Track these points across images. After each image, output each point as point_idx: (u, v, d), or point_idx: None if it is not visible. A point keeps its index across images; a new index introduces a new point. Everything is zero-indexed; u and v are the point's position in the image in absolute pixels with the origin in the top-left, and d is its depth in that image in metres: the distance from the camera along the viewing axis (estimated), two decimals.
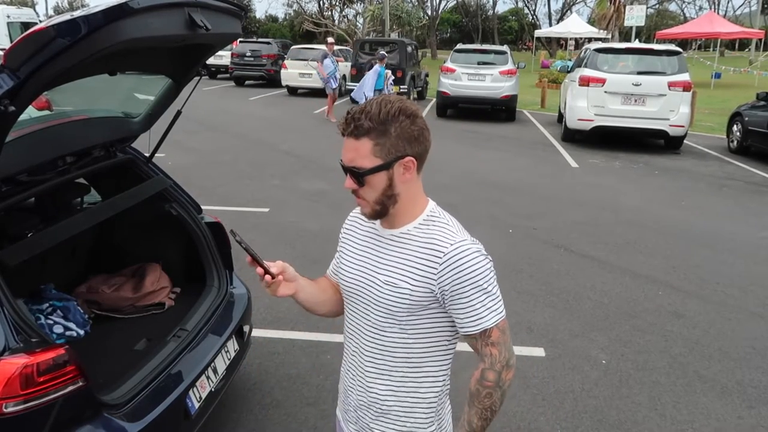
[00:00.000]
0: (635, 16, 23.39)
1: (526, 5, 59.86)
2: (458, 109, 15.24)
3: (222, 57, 22.52)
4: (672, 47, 12.44)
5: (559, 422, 3.22)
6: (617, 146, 11.35)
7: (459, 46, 15.85)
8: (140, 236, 3.46)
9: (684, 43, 41.40)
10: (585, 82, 11.02)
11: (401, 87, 15.68)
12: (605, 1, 26.98)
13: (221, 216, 3.42)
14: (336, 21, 44.49)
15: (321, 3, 47.04)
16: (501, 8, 72.66)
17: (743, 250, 5.96)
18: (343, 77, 18.15)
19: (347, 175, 1.45)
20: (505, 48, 15.95)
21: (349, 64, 18.94)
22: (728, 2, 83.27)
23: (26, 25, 17.45)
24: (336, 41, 15.69)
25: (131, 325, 3.07)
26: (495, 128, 13.68)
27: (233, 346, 2.92)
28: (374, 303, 1.50)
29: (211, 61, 20.78)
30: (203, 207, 3.35)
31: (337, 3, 46.58)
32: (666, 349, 4.01)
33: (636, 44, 16.53)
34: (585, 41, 31.72)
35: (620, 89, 10.80)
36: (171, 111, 3.07)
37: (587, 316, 4.46)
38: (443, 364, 1.55)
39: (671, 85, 10.64)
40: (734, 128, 11.40)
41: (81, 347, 2.32)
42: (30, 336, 1.95)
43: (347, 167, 1.43)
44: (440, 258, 1.42)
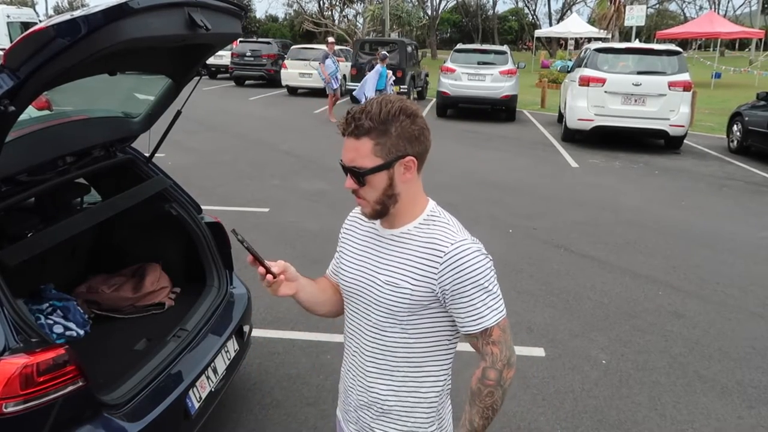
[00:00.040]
0: (635, 16, 23.40)
1: (526, 5, 59.94)
2: (458, 109, 15.24)
3: (222, 57, 22.52)
4: (672, 47, 12.43)
5: (559, 422, 3.22)
6: (617, 146, 11.35)
7: (459, 46, 15.85)
8: (140, 236, 3.46)
9: (684, 43, 41.40)
10: (585, 82, 11.02)
11: (401, 87, 15.67)
12: (605, 1, 27.02)
13: (221, 216, 3.42)
14: (336, 21, 44.50)
15: (321, 3, 47.09)
16: (501, 8, 72.68)
17: (743, 250, 5.96)
18: (344, 77, 18.14)
19: (347, 175, 1.45)
20: (505, 48, 15.95)
21: (349, 64, 18.94)
22: (728, 2, 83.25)
23: (26, 25, 17.45)
24: (336, 41, 15.67)
25: (131, 325, 3.06)
26: (495, 128, 13.67)
27: (233, 346, 2.92)
28: (375, 303, 1.50)
29: (211, 61, 20.80)
30: (203, 207, 3.35)
31: (337, 3, 46.60)
32: (666, 349, 4.01)
33: (636, 44, 16.52)
34: (585, 41, 31.72)
35: (620, 89, 10.80)
36: (171, 111, 3.07)
37: (587, 316, 4.46)
38: (444, 364, 1.55)
39: (671, 85, 10.64)
40: (734, 128, 11.40)
41: (81, 347, 2.32)
42: (30, 336, 1.95)
43: (348, 167, 1.43)
44: (441, 257, 1.42)
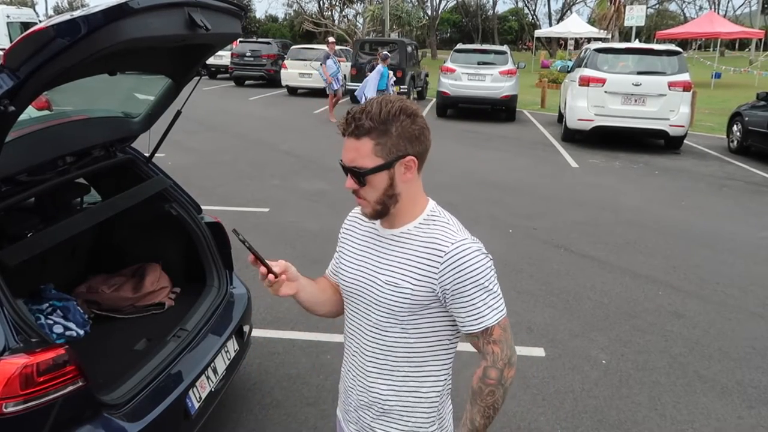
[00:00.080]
0: (635, 16, 23.40)
1: (526, 5, 59.94)
2: (458, 109, 15.24)
3: (222, 57, 22.52)
4: (672, 47, 12.44)
5: (559, 422, 3.22)
6: (617, 146, 11.35)
7: (459, 46, 15.85)
8: (140, 236, 3.46)
9: (684, 43, 41.40)
10: (585, 82, 11.02)
11: (401, 87, 15.66)
12: (605, 1, 27.01)
13: (221, 216, 3.42)
14: (336, 21, 44.50)
15: (321, 3, 47.08)
16: (501, 8, 72.81)
17: (743, 250, 5.96)
18: (344, 77, 18.12)
19: (348, 176, 1.45)
20: (505, 48, 15.95)
21: (349, 64, 18.93)
22: (728, 2, 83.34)
23: (26, 25, 17.46)
24: (336, 41, 15.65)
25: (131, 325, 3.06)
26: (495, 128, 13.67)
27: (233, 346, 2.92)
28: (375, 303, 1.50)
29: (211, 61, 20.82)
30: (203, 207, 3.35)
31: (337, 3, 46.60)
32: (666, 349, 4.01)
33: (636, 44, 16.53)
34: (585, 41, 31.72)
35: (620, 89, 10.80)
36: (171, 111, 3.07)
37: (587, 316, 4.46)
38: (445, 363, 1.55)
39: (671, 85, 10.63)
40: (734, 128, 11.40)
41: (81, 347, 2.32)
42: (30, 336, 1.95)
43: (348, 167, 1.43)
44: (441, 257, 1.42)
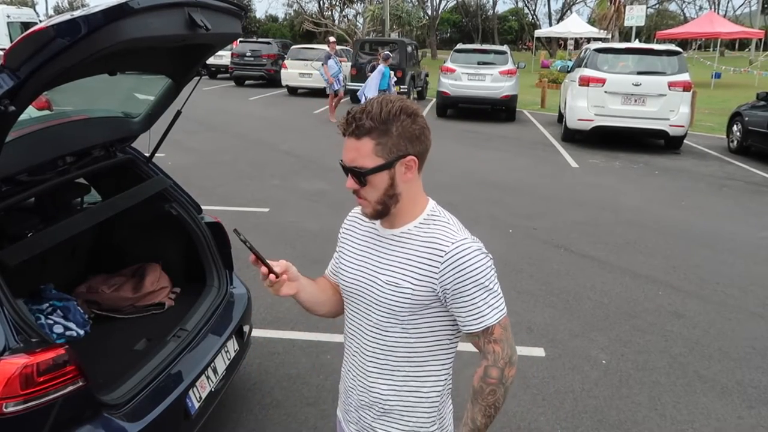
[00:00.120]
0: (635, 16, 23.40)
1: (526, 5, 59.94)
2: (458, 109, 15.24)
3: (222, 57, 22.52)
4: (672, 47, 12.44)
5: (559, 422, 3.22)
6: (617, 146, 11.35)
7: (459, 46, 15.85)
8: (140, 236, 3.46)
9: (684, 43, 41.39)
10: (585, 82, 11.02)
11: (401, 87, 15.66)
12: (605, 2, 27.01)
13: (221, 216, 3.42)
14: (336, 21, 44.49)
15: (321, 3, 47.07)
16: (501, 8, 72.74)
17: (743, 250, 5.96)
18: (344, 77, 18.10)
19: (348, 176, 1.45)
20: (505, 48, 15.95)
21: (349, 64, 18.92)
22: (728, 2, 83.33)
23: (26, 25, 17.46)
24: (336, 41, 15.64)
25: (131, 325, 3.06)
26: (495, 128, 13.67)
27: (233, 346, 2.92)
28: (375, 303, 1.50)
29: (211, 61, 20.78)
30: (203, 207, 3.35)
31: (337, 3, 46.58)
32: (666, 349, 4.01)
33: (636, 44, 16.53)
34: (585, 41, 31.72)
35: (620, 89, 10.79)
36: (171, 111, 3.07)
37: (587, 316, 4.46)
38: (445, 363, 1.55)
39: (671, 85, 10.63)
40: (734, 128, 11.40)
41: (81, 347, 2.32)
42: (30, 336, 1.95)
43: (348, 167, 1.43)
44: (442, 257, 1.42)
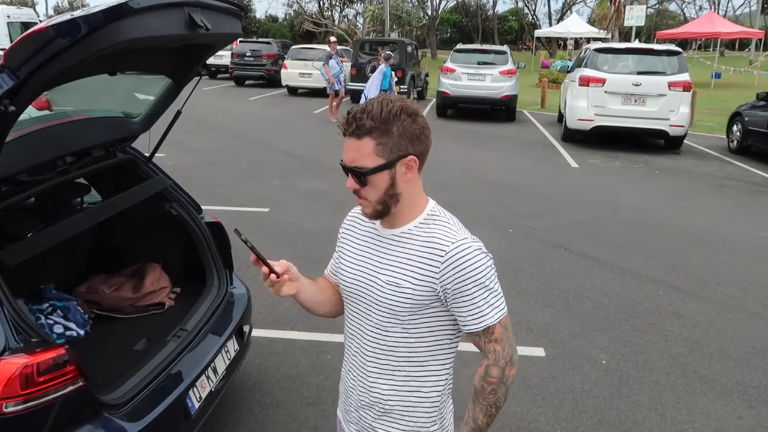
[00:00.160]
0: (635, 16, 23.39)
1: (526, 5, 59.96)
2: (458, 109, 15.24)
3: (222, 57, 22.51)
4: (672, 47, 12.44)
5: (559, 422, 3.22)
6: (617, 146, 11.35)
7: (459, 46, 15.85)
8: (140, 236, 3.46)
9: (684, 43, 41.40)
10: (585, 82, 11.02)
11: (401, 87, 15.67)
12: (605, 2, 27.01)
13: (221, 216, 3.42)
14: (336, 21, 44.49)
15: (321, 3, 47.06)
16: (501, 8, 72.71)
17: (743, 250, 5.96)
18: (345, 78, 18.10)
19: (349, 176, 1.44)
20: (505, 48, 15.95)
21: (349, 64, 18.92)
22: (728, 2, 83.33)
23: (26, 25, 17.46)
24: (337, 41, 15.64)
25: (131, 325, 3.06)
26: (495, 128, 13.67)
27: (233, 346, 2.92)
28: (376, 303, 1.50)
29: (211, 61, 20.78)
30: (203, 207, 3.35)
31: (337, 3, 46.58)
32: (666, 349, 4.01)
33: (636, 44, 16.53)
34: (585, 41, 31.72)
35: (620, 89, 10.79)
36: (171, 111, 3.07)
37: (587, 316, 4.46)
38: (446, 363, 1.55)
39: (671, 85, 10.63)
40: (734, 128, 11.40)
41: (81, 347, 2.32)
42: (30, 336, 1.95)
43: (349, 167, 1.43)
44: (442, 257, 1.42)
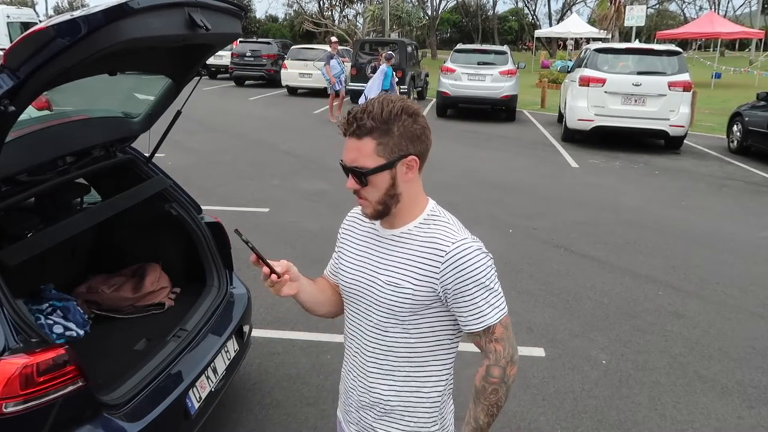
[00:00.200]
0: (635, 17, 23.38)
1: (526, 5, 59.94)
2: (458, 109, 15.24)
3: (222, 57, 22.51)
4: (672, 47, 12.43)
5: (559, 422, 3.22)
6: (617, 146, 11.35)
7: (459, 46, 15.85)
8: (140, 236, 3.46)
9: (684, 43, 41.40)
10: (585, 82, 11.02)
11: (401, 87, 15.66)
12: (605, 2, 27.00)
13: (221, 216, 3.42)
14: (336, 21, 44.49)
15: (321, 3, 47.05)
16: (501, 8, 72.79)
17: (743, 250, 5.96)
18: (345, 78, 18.09)
19: (349, 176, 1.44)
20: (505, 48, 15.95)
21: (349, 64, 18.92)
22: (728, 2, 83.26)
23: (26, 25, 17.46)
24: (338, 41, 15.63)
25: (131, 325, 3.06)
26: (495, 128, 13.67)
27: (233, 346, 2.92)
28: (376, 303, 1.49)
29: (211, 61, 20.77)
30: (203, 207, 3.35)
31: (337, 3, 46.57)
32: (666, 349, 4.01)
33: (636, 44, 16.52)
34: (585, 41, 31.72)
35: (620, 89, 10.79)
36: (171, 111, 3.07)
37: (587, 316, 4.46)
38: (446, 363, 1.55)
39: (671, 85, 10.63)
40: (734, 128, 11.40)
41: (81, 347, 2.32)
42: (30, 336, 1.95)
43: (349, 167, 1.43)
44: (442, 257, 1.42)
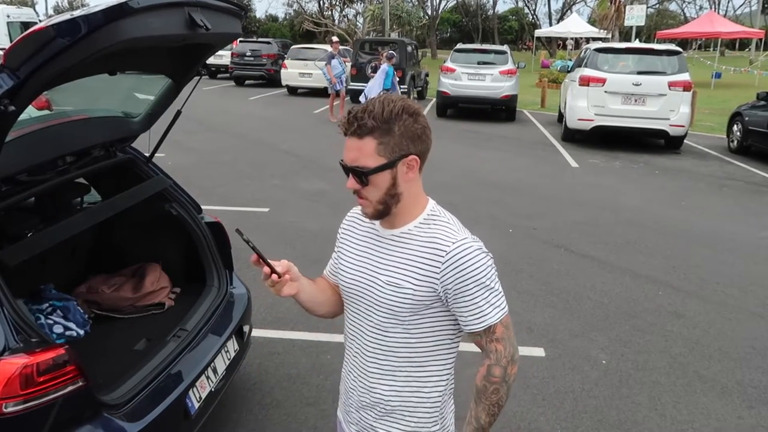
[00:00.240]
0: (635, 16, 23.38)
1: (526, 5, 59.92)
2: (458, 109, 15.24)
3: (222, 57, 22.50)
4: (672, 47, 12.43)
5: (559, 422, 3.22)
6: (617, 146, 11.35)
7: (459, 46, 15.85)
8: (140, 236, 3.46)
9: (684, 43, 41.40)
10: (585, 82, 11.01)
11: (401, 87, 15.66)
12: (605, 1, 27.00)
13: (221, 216, 3.42)
14: (336, 21, 44.48)
15: (321, 3, 47.05)
16: (501, 8, 72.64)
17: (743, 250, 5.96)
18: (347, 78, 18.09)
19: (349, 176, 1.44)
20: (505, 48, 15.95)
21: (350, 64, 18.92)
22: (728, 2, 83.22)
23: (26, 25, 17.45)
24: (339, 41, 15.63)
25: (131, 325, 3.06)
26: (495, 128, 13.67)
27: (233, 346, 2.92)
28: (376, 304, 1.49)
29: (211, 61, 20.75)
30: (203, 207, 3.35)
31: (337, 3, 46.56)
32: (666, 349, 4.01)
33: (636, 44, 16.52)
34: (585, 41, 31.71)
35: (620, 89, 10.79)
36: (171, 111, 3.07)
37: (587, 316, 4.46)
38: (447, 363, 1.54)
39: (671, 85, 10.63)
40: (734, 128, 11.40)
41: (81, 347, 2.32)
42: (30, 336, 1.95)
43: (350, 167, 1.42)
44: (443, 257, 1.42)
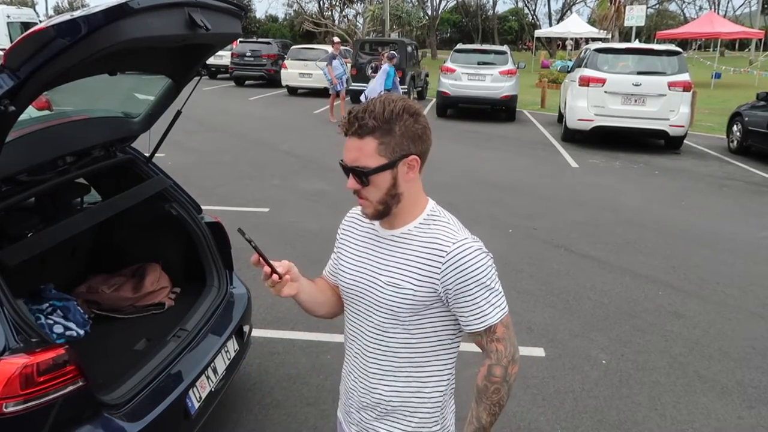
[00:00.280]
0: (635, 16, 23.38)
1: (526, 5, 59.96)
2: (458, 109, 15.24)
3: (222, 57, 22.51)
4: (672, 47, 12.44)
5: (559, 422, 3.22)
6: (617, 146, 11.35)
7: (459, 46, 15.85)
8: (140, 236, 3.46)
9: (684, 43, 41.41)
10: (585, 82, 11.01)
11: (401, 87, 15.66)
12: (605, 2, 27.00)
13: (221, 216, 3.42)
14: (336, 21, 44.50)
15: (321, 3, 47.06)
16: (501, 8, 72.79)
17: (743, 250, 5.96)
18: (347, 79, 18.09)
19: (349, 176, 1.44)
20: (505, 48, 15.95)
21: (350, 65, 18.92)
22: (728, 2, 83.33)
23: (26, 25, 17.47)
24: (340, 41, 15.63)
25: (131, 325, 3.06)
26: (495, 128, 13.67)
27: (233, 346, 2.92)
28: (376, 304, 1.49)
29: (211, 61, 20.78)
30: (203, 207, 3.35)
31: (337, 3, 46.58)
32: (666, 349, 4.01)
33: (636, 44, 16.53)
34: (585, 41, 31.71)
35: (620, 89, 10.79)
36: (171, 111, 3.07)
37: (587, 316, 4.46)
38: (447, 363, 1.54)
39: (671, 85, 10.63)
40: (734, 128, 11.40)
41: (81, 347, 2.32)
42: (30, 336, 1.95)
43: (350, 167, 1.42)
44: (443, 257, 1.42)
